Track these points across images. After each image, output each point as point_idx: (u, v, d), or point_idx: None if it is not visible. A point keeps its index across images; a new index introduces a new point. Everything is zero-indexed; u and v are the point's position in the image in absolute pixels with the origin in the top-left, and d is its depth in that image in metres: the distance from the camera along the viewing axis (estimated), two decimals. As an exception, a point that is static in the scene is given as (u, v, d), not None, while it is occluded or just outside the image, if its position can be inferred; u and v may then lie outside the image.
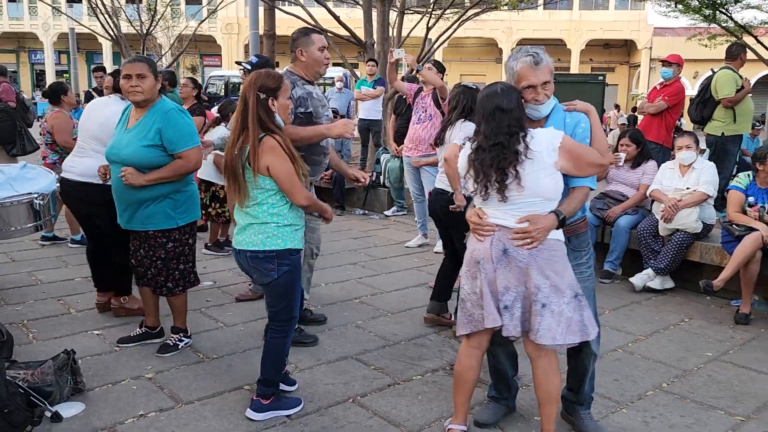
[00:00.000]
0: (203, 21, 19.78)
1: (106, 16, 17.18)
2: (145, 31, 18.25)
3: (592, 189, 2.76)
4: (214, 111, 6.82)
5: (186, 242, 3.69)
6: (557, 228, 2.61)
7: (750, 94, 6.61)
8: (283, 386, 3.23)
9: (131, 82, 3.46)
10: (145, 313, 3.93)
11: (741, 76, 6.54)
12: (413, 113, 6.16)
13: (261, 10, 12.01)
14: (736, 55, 6.66)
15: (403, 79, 8.15)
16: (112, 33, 17.56)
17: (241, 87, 2.92)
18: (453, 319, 4.24)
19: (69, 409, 3.04)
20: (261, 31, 11.69)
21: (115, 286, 4.31)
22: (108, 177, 3.76)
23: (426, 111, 5.97)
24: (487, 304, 2.64)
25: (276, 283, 2.94)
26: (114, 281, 4.31)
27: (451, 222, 4.21)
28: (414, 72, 7.00)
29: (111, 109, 4.16)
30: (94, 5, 16.87)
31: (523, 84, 2.67)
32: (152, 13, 18.37)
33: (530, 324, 2.62)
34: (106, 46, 34.60)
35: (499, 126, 2.59)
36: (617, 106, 24.27)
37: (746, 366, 3.82)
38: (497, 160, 2.57)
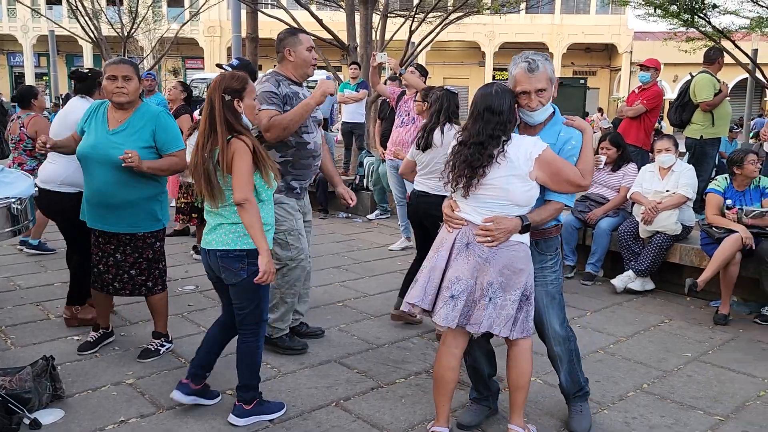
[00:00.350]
0: (185, 24, 19.64)
1: (87, 18, 17.02)
2: (126, 34, 18.10)
3: (567, 206, 2.82)
4: (197, 114, 6.78)
5: (164, 242, 3.77)
6: (521, 233, 2.68)
7: (728, 98, 6.70)
8: (202, 400, 3.13)
9: (117, 83, 3.46)
10: (99, 316, 3.91)
11: (719, 80, 6.63)
12: (396, 116, 6.18)
13: (243, 13, 11.97)
14: (714, 59, 6.75)
15: (386, 80, 8.17)
16: (92, 35, 17.40)
17: (207, 90, 2.92)
18: (418, 317, 4.26)
19: (48, 416, 3.00)
20: (243, 34, 11.65)
21: (72, 294, 4.21)
22: (47, 145, 3.60)
23: (409, 114, 5.99)
24: (421, 284, 2.75)
25: (245, 283, 2.90)
26: (72, 290, 4.21)
27: (433, 224, 4.23)
28: (397, 75, 7.01)
29: (65, 108, 4.19)
30: (74, 7, 16.72)
31: (517, 89, 2.72)
32: (133, 15, 18.23)
33: (472, 317, 2.69)
34: (87, 49, 34.26)
35: (485, 126, 2.65)
36: (600, 110, 24.50)
37: (725, 366, 3.87)
38: (472, 158, 2.65)
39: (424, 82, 6.25)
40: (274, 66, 3.93)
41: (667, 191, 5.22)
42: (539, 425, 3.09)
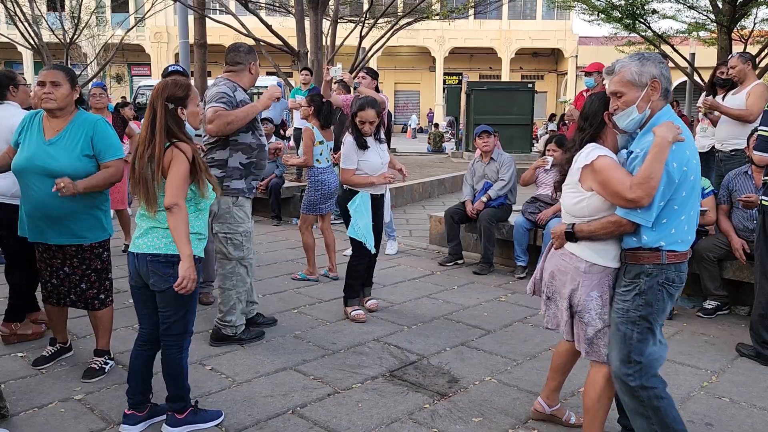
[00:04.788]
0: (130, 29, 19.23)
1: (26, 24, 16.45)
2: (68, 40, 17.57)
3: (635, 222, 2.47)
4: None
5: (110, 251, 3.68)
6: (569, 240, 2.66)
7: None
8: (153, 420, 3.06)
9: (45, 89, 3.36)
10: (56, 331, 3.80)
11: None
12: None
13: (191, 18, 11.80)
14: None
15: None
16: (32, 42, 16.83)
17: (150, 96, 2.93)
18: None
19: (-9, 437, 2.89)
20: (191, 40, 11.48)
21: (11, 311, 4.04)
22: None
23: None
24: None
25: (174, 290, 2.84)
26: (12, 306, 4.05)
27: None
28: (351, 88, 7.09)
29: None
30: (12, 13, 16.14)
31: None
32: (76, 21, 17.71)
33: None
34: (27, 56, 33.23)
35: (577, 133, 2.75)
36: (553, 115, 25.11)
37: (671, 359, 3.98)
38: (563, 167, 2.79)
39: (376, 85, 6.33)
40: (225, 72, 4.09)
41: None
42: (494, 423, 3.13)
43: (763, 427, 3.16)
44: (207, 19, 12.09)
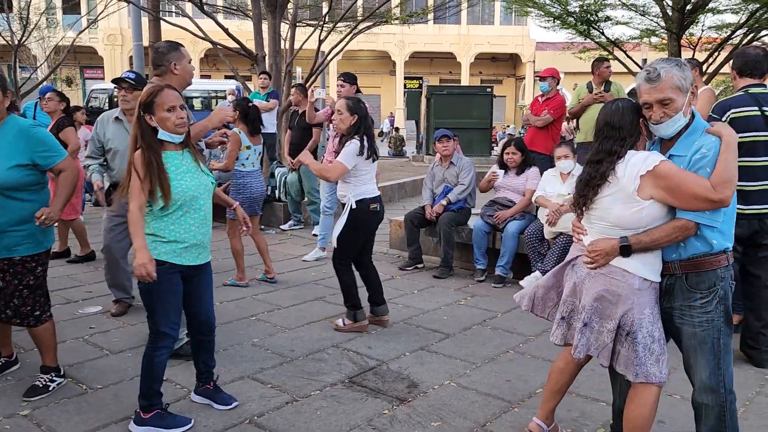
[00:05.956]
0: (82, 31, 18.76)
1: (-28, 26, 15.92)
2: (16, 42, 17.03)
3: (707, 225, 2.42)
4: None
5: (47, 266, 3.49)
6: (623, 255, 2.49)
7: (597, 103, 6.91)
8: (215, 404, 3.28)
9: None
10: (0, 344, 3.67)
11: (591, 89, 7.08)
12: (332, 132, 6.30)
13: (145, 21, 11.56)
14: (592, 69, 7.25)
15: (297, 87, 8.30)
16: (-22, 44, 16.29)
17: None
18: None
19: (-71, 457, 2.75)
20: (146, 43, 11.24)
21: None
22: None
23: None
24: (540, 296, 2.90)
25: (140, 293, 3.00)
26: None
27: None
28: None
29: None
30: (-43, 14, 15.61)
31: (640, 101, 2.52)
32: (24, 22, 17.18)
33: (573, 340, 2.69)
34: (-26, 58, 32.08)
35: (604, 142, 2.54)
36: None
37: (626, 359, 4.06)
38: (589, 176, 2.56)
39: (356, 89, 6.31)
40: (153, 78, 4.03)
41: (569, 194, 5.45)
42: (452, 427, 3.13)
43: (713, 424, 3.24)
44: (162, 21, 11.87)
